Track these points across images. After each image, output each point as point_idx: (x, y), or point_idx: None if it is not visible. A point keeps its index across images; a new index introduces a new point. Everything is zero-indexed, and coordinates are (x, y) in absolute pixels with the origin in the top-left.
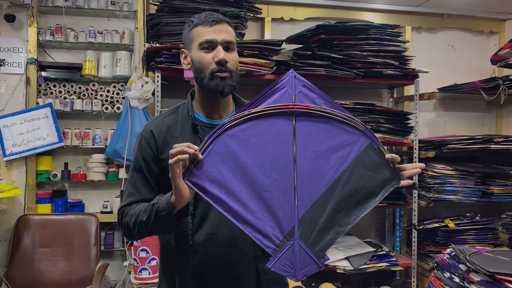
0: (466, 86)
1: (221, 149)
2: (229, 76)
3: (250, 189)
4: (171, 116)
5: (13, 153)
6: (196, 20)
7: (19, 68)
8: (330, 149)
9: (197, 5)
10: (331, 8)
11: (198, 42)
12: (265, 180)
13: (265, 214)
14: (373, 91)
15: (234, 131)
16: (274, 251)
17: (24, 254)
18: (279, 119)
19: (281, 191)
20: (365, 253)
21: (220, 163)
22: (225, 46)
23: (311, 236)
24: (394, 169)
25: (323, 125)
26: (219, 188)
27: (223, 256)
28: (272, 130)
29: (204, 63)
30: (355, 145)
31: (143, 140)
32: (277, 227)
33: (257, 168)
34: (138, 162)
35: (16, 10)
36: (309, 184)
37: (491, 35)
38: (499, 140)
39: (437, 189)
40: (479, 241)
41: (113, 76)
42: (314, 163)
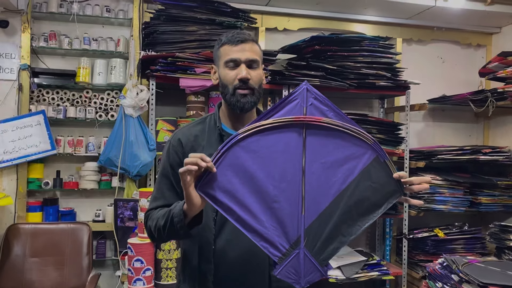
0: (454, 98)
1: (233, 160)
2: (250, 93)
3: (259, 199)
4: (198, 126)
5: (4, 160)
6: (224, 39)
7: (12, 74)
8: (338, 161)
9: (194, 14)
10: (324, 19)
11: (224, 60)
12: (274, 191)
13: (273, 223)
14: (364, 101)
15: (245, 143)
16: (280, 259)
17: (14, 263)
18: (290, 131)
19: (289, 202)
20: (357, 262)
21: (231, 174)
22: (248, 64)
23: (316, 245)
24: (399, 182)
25: (332, 138)
26: (230, 198)
27: (240, 262)
28: (283, 142)
29: (228, 80)
30: (363, 157)
31: (171, 147)
32: (284, 236)
33: (267, 179)
34: (165, 168)
35: (9, 15)
36: (316, 195)
37: (479, 48)
38: (487, 151)
39: (427, 199)
40: (468, 250)
41: (107, 83)
42: (322, 175)
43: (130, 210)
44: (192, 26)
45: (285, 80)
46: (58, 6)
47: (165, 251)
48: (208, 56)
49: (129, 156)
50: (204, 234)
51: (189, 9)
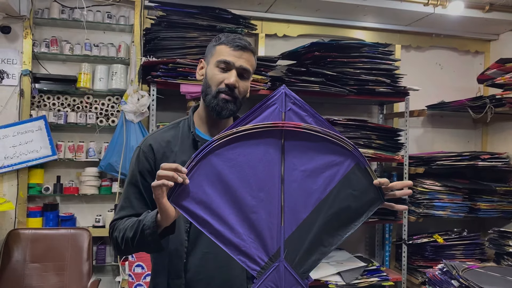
0: (453, 104)
1: (208, 169)
2: (232, 101)
3: (237, 210)
4: (171, 131)
5: (4, 165)
6: (224, 39)
7: (13, 79)
8: (318, 168)
9: (195, 20)
10: (323, 26)
11: (217, 59)
12: (252, 201)
13: (251, 236)
14: (363, 107)
15: (221, 150)
16: (259, 273)
17: (14, 269)
18: (268, 137)
19: (268, 212)
20: (356, 268)
21: (206, 184)
22: (240, 72)
23: (296, 257)
24: (379, 189)
25: (312, 144)
26: (204, 209)
27: (216, 275)
28: (260, 149)
29: (214, 80)
30: (343, 164)
31: (141, 153)
32: (263, 249)
33: (244, 189)
34: (134, 175)
35: (11, 21)
36: (296, 204)
37: (477, 55)
38: (486, 157)
39: (426, 204)
40: (467, 256)
41: (108, 89)
42: (301, 183)
43: None
44: (193, 32)
45: None
46: (59, 12)
47: None
48: None
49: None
50: (174, 247)
51: (190, 15)
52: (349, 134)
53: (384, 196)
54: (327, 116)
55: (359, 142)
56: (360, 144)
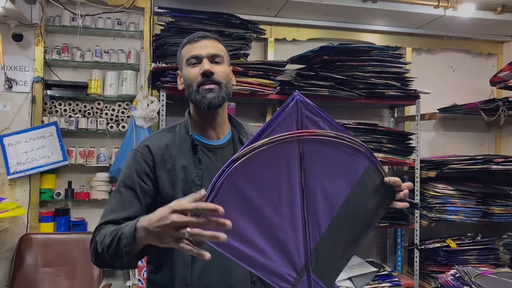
0: (465, 107)
1: (229, 190)
2: (216, 88)
3: (262, 230)
4: (168, 134)
5: (17, 171)
6: (185, 40)
7: (25, 86)
8: (335, 174)
9: (203, 26)
10: (332, 29)
11: (186, 59)
12: (276, 218)
13: (279, 254)
14: (374, 111)
15: (240, 169)
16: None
17: (26, 273)
18: (285, 148)
19: (292, 227)
20: (368, 273)
21: (229, 206)
22: (212, 59)
23: (323, 267)
24: (391, 187)
25: (328, 150)
26: (230, 234)
27: (220, 281)
28: (279, 162)
29: (191, 77)
30: (358, 167)
31: (138, 155)
32: (291, 265)
33: (268, 206)
34: (130, 177)
35: (23, 29)
36: (317, 214)
37: (490, 57)
38: (500, 161)
39: (439, 209)
40: (481, 262)
41: (118, 95)
42: (321, 191)
43: None
44: None
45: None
46: (70, 20)
47: None
48: None
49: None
50: (181, 256)
51: (199, 21)
52: (360, 138)
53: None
54: (337, 120)
55: (370, 146)
56: (371, 148)
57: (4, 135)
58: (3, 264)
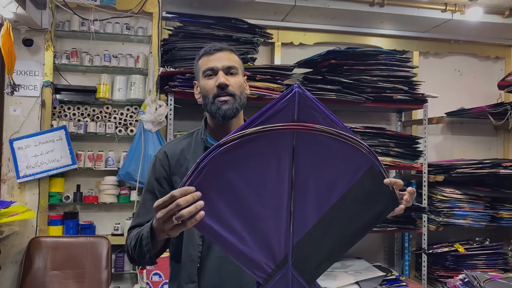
0: (473, 111)
1: (214, 174)
2: (231, 100)
3: (244, 218)
4: (185, 140)
5: (27, 175)
6: (201, 52)
7: (35, 91)
8: (330, 172)
9: (211, 31)
10: (339, 34)
11: (202, 70)
12: (261, 208)
13: (258, 242)
14: (381, 115)
15: (228, 155)
16: (265, 281)
17: (35, 276)
18: (278, 139)
19: (276, 219)
20: (375, 278)
21: (212, 191)
22: (227, 71)
23: (305, 263)
24: (393, 193)
25: (325, 147)
26: (211, 217)
27: (230, 279)
28: (270, 152)
29: (207, 89)
30: (357, 168)
31: (157, 161)
32: (270, 255)
33: (252, 195)
34: (150, 182)
35: (34, 34)
36: (305, 210)
37: (497, 61)
38: (508, 165)
39: (447, 213)
40: (489, 266)
41: (127, 99)
42: (312, 187)
43: None
44: (209, 42)
45: None
46: (79, 25)
47: None
48: None
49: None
50: (188, 252)
51: (207, 26)
52: (367, 142)
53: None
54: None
55: (377, 150)
56: (378, 152)
57: (14, 139)
58: (13, 267)
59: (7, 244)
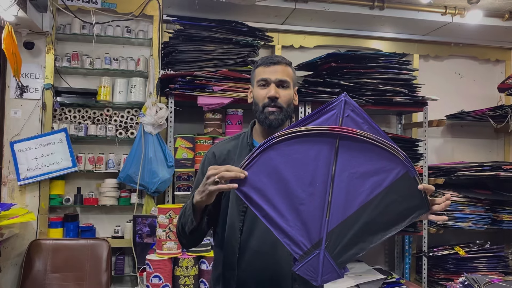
0: (473, 113)
1: (266, 161)
2: (277, 111)
3: (288, 200)
4: (232, 142)
5: (27, 177)
6: (260, 61)
7: (36, 93)
8: (367, 173)
9: (212, 33)
10: (339, 36)
11: (257, 79)
12: (302, 194)
13: (298, 223)
14: (381, 118)
15: (279, 146)
16: (301, 257)
17: (36, 279)
18: (324, 139)
19: (315, 206)
20: (375, 281)
21: (263, 174)
22: (279, 84)
23: (336, 248)
24: (425, 198)
25: (364, 150)
26: (260, 195)
27: (265, 273)
28: (315, 149)
29: (259, 98)
30: (392, 172)
31: (206, 159)
32: (307, 236)
33: (296, 182)
34: (199, 179)
35: (35, 37)
36: (342, 202)
37: (497, 63)
38: (508, 168)
39: (447, 216)
40: (490, 269)
41: (127, 101)
42: (350, 184)
43: (148, 227)
44: (210, 45)
45: (302, 97)
46: (80, 28)
47: (183, 267)
48: (226, 74)
49: (148, 172)
50: (230, 243)
51: (207, 29)
52: None
53: (429, 204)
54: None
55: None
56: None
57: (14, 142)
58: (13, 270)
59: (8, 247)
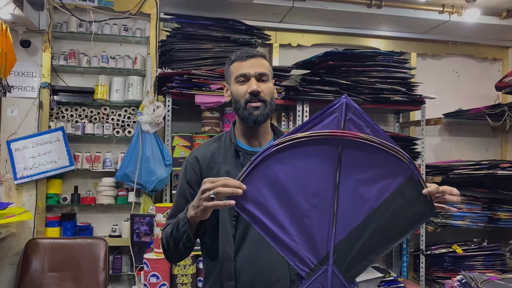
0: (471, 112)
1: (266, 172)
2: (262, 106)
3: (290, 213)
4: (214, 144)
5: (24, 176)
6: (234, 57)
7: (33, 92)
8: (372, 178)
9: (209, 32)
10: (337, 35)
11: (234, 76)
12: (306, 205)
13: (302, 238)
14: (379, 116)
15: (279, 155)
16: (308, 275)
17: (33, 278)
18: (326, 145)
19: (320, 217)
20: (373, 279)
21: (263, 186)
22: (258, 78)
23: (345, 262)
24: (430, 202)
25: (368, 154)
26: (260, 209)
27: (259, 277)
28: (317, 156)
29: (239, 94)
30: (398, 176)
31: (188, 165)
32: (313, 251)
33: (299, 193)
34: (182, 186)
35: (31, 35)
36: (348, 212)
37: (495, 62)
38: (505, 166)
39: (445, 214)
40: (487, 267)
41: (124, 100)
42: (355, 192)
43: (146, 225)
44: (207, 43)
45: (299, 95)
46: (77, 26)
47: (181, 266)
48: (223, 73)
49: (146, 171)
50: (225, 251)
51: (205, 27)
52: None
53: (435, 208)
54: None
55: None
56: None
57: (11, 140)
58: (10, 269)
59: (5, 246)
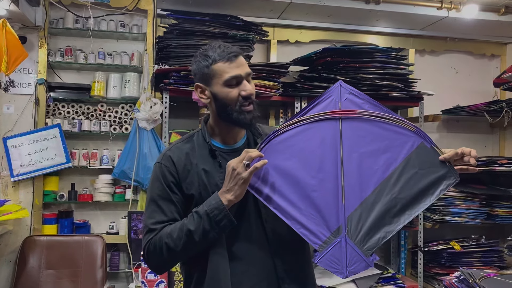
0: (469, 108)
1: (272, 154)
2: (253, 109)
3: (298, 189)
4: (187, 144)
5: (20, 173)
6: (215, 56)
7: (29, 88)
8: (378, 150)
9: (206, 28)
10: (335, 31)
11: (223, 79)
12: (312, 181)
13: (312, 212)
14: None
15: (283, 137)
16: (320, 247)
17: (30, 275)
18: (326, 124)
19: (328, 191)
20: (371, 276)
21: (270, 166)
22: (247, 78)
23: (359, 234)
24: (451, 167)
25: (370, 128)
26: (269, 188)
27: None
28: (320, 135)
29: (231, 98)
30: (406, 145)
31: (163, 168)
32: (324, 224)
33: (305, 170)
34: (163, 190)
35: (27, 31)
36: (356, 184)
37: (493, 58)
38: (503, 162)
39: (443, 211)
40: (485, 264)
41: (121, 97)
42: (361, 164)
43: None
44: (204, 40)
45: (297, 92)
46: (74, 22)
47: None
48: None
49: (143, 168)
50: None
51: (202, 23)
52: None
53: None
54: None
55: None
56: None
57: (7, 137)
58: (7, 266)
59: (1, 243)
